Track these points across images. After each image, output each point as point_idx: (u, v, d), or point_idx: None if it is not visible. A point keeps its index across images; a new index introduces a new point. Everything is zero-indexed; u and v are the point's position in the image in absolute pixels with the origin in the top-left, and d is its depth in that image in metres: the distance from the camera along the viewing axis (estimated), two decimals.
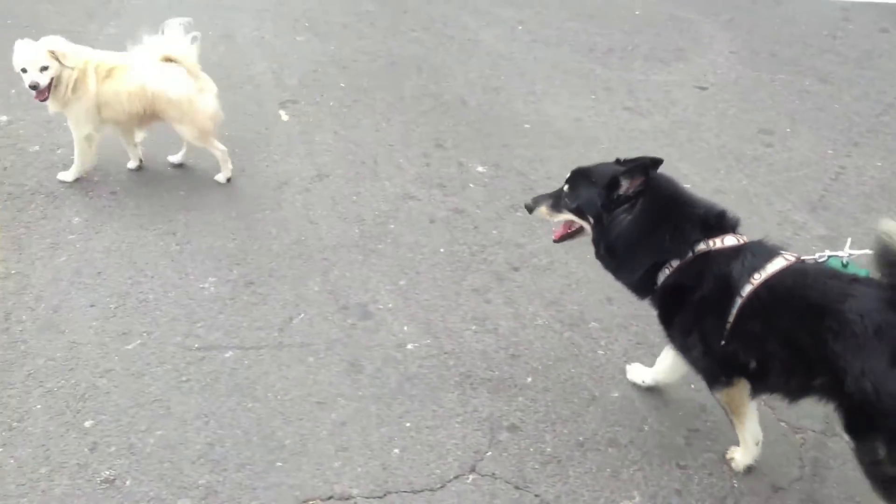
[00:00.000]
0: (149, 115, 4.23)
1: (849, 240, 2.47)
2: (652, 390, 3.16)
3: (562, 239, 2.96)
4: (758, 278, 2.39)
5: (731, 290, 2.42)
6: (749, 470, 2.84)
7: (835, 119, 5.45)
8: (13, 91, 5.01)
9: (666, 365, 3.04)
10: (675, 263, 2.56)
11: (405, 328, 3.45)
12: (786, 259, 2.42)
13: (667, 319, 2.71)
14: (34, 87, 3.93)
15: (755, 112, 5.47)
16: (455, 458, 2.85)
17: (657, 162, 2.61)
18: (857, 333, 2.16)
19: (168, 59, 4.13)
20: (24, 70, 3.94)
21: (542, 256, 3.92)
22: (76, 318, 3.43)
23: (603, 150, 4.80)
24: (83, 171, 4.33)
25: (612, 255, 2.71)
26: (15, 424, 2.92)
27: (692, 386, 3.14)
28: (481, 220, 4.21)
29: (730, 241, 2.52)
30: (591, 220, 2.73)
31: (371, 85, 5.66)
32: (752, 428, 2.74)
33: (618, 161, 2.76)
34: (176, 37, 4.15)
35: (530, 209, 2.93)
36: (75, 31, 5.73)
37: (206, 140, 4.31)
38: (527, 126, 5.19)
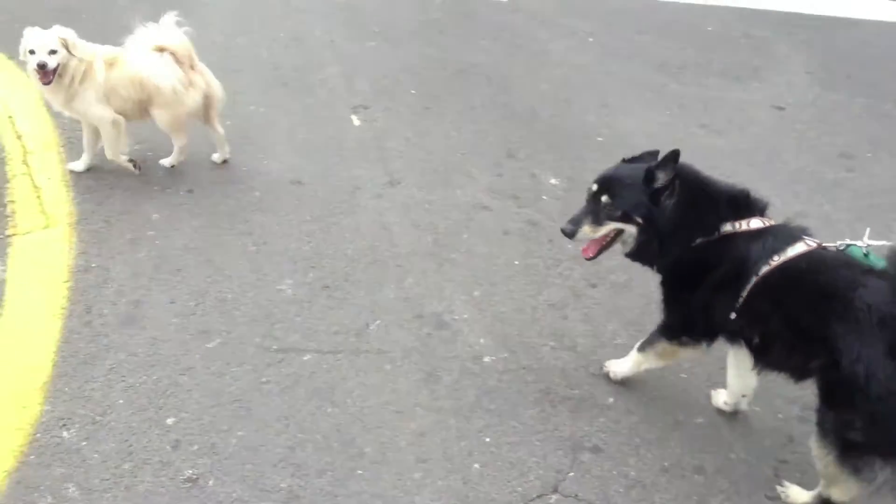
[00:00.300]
0: (146, 103, 4.29)
1: (867, 229, 2.54)
2: (737, 417, 3.08)
3: (598, 254, 2.88)
4: (776, 260, 2.50)
5: (748, 269, 2.54)
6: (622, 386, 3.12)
7: None
8: None
9: (734, 380, 3.05)
10: (699, 241, 2.66)
11: (481, 340, 3.42)
12: (807, 244, 2.51)
13: (674, 287, 2.84)
14: (42, 66, 3.91)
15: (835, 135, 5.35)
16: (537, 476, 2.81)
17: (677, 154, 2.62)
18: (860, 321, 2.28)
19: (161, 49, 4.17)
20: (31, 52, 3.94)
21: (620, 273, 3.86)
22: (156, 315, 3.45)
23: None
24: (115, 157, 4.37)
25: (662, 243, 2.72)
26: (98, 418, 2.94)
27: (779, 416, 3.06)
28: (556, 233, 4.13)
29: (755, 223, 2.61)
30: (640, 220, 2.71)
31: (441, 92, 5.65)
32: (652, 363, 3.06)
33: (624, 160, 2.85)
34: (168, 27, 4.21)
35: (572, 233, 2.79)
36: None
37: (176, 130, 4.40)
38: (600, 139, 5.13)
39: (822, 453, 2.48)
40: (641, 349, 3.12)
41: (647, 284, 3.73)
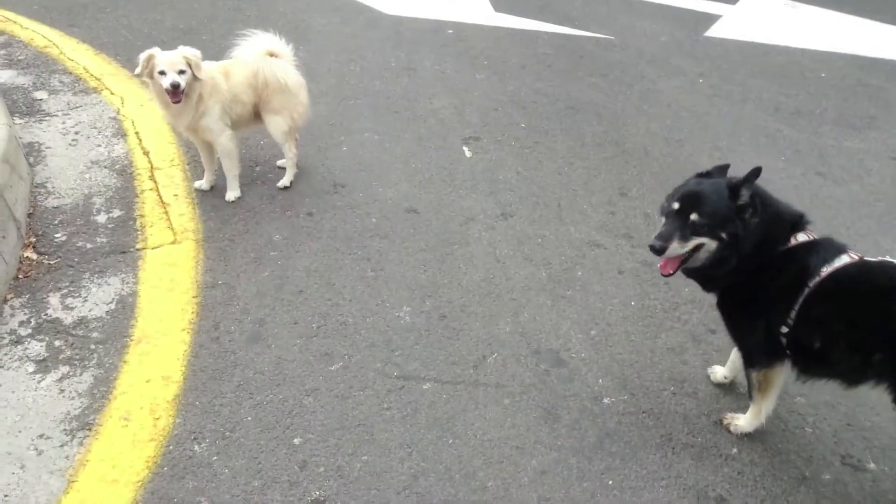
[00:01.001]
0: (262, 106, 4.47)
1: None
2: (866, 475, 2.97)
3: (677, 270, 2.88)
4: (826, 270, 2.63)
5: (803, 279, 2.66)
6: (745, 436, 3.11)
7: None
8: None
9: (736, 357, 3.22)
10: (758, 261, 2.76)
11: (600, 381, 3.39)
12: (850, 257, 2.66)
13: (734, 308, 2.94)
14: (176, 86, 4.07)
15: None
16: None
17: (759, 171, 2.70)
18: None
19: (272, 55, 4.35)
20: (162, 73, 4.08)
21: None
22: (281, 334, 3.54)
23: None
24: (236, 170, 4.57)
25: (741, 260, 2.75)
26: (228, 434, 3.02)
27: None
28: (673, 276, 4.11)
29: (802, 237, 2.75)
30: (726, 236, 2.72)
31: (551, 127, 5.67)
32: (770, 406, 3.03)
33: (699, 175, 2.90)
34: (272, 36, 4.42)
35: (662, 249, 2.75)
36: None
37: (291, 136, 4.58)
38: None
39: None
40: (750, 396, 3.09)
41: None
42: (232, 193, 4.56)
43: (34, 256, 3.99)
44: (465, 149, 5.31)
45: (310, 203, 4.60)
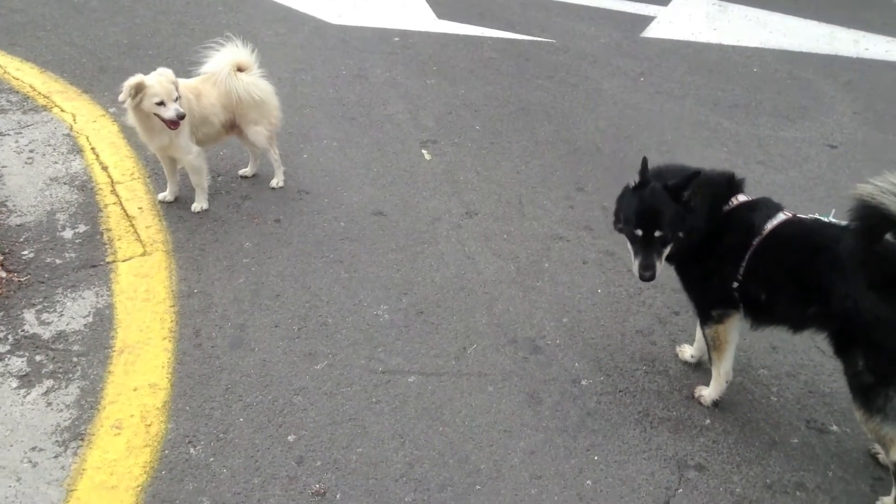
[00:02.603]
0: (229, 126, 4.56)
1: (832, 210, 2.96)
2: (830, 437, 3.19)
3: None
4: (768, 226, 2.90)
5: (749, 236, 2.93)
6: (716, 405, 3.33)
7: None
8: None
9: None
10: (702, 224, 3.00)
11: (576, 364, 3.55)
12: (785, 214, 2.95)
13: (687, 268, 3.19)
14: (182, 116, 4.12)
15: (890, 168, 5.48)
16: (647, 493, 2.92)
17: (698, 173, 2.96)
18: (844, 266, 2.66)
19: (240, 68, 4.41)
20: (161, 104, 4.09)
21: None
22: (263, 338, 3.60)
23: None
24: (204, 184, 4.59)
25: (691, 236, 3.02)
26: (222, 435, 3.08)
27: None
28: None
29: (742, 197, 3.04)
30: (682, 234, 3.01)
31: (505, 129, 5.84)
32: (727, 366, 3.24)
33: (635, 189, 3.08)
34: (239, 47, 4.50)
35: (653, 276, 3.02)
36: None
37: (272, 142, 4.70)
38: None
39: (862, 417, 2.74)
40: (710, 361, 3.31)
41: None
42: (198, 204, 4.59)
43: (3, 274, 3.95)
44: (423, 152, 5.43)
45: (276, 210, 4.65)
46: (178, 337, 3.58)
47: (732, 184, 3.09)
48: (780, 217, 2.96)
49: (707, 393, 3.32)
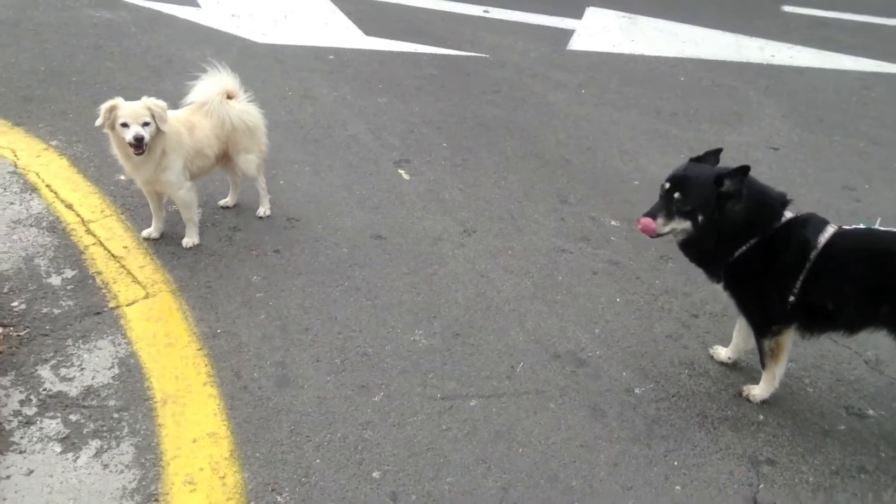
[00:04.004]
0: (222, 156, 4.44)
1: (879, 218, 3.26)
2: (870, 421, 3.43)
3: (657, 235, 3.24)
4: (822, 240, 3.05)
5: (805, 252, 3.06)
6: (764, 402, 3.48)
7: None
8: None
9: (742, 341, 3.66)
10: (755, 240, 3.14)
11: (623, 374, 3.64)
12: (833, 227, 3.10)
13: (741, 286, 3.28)
14: (140, 139, 3.87)
15: (831, 171, 5.96)
16: (734, 491, 3.04)
17: (748, 169, 3.08)
18: None
19: (229, 96, 4.33)
20: (124, 125, 3.88)
21: (712, 303, 4.19)
22: (308, 374, 3.48)
23: None
24: (195, 219, 4.40)
25: (720, 242, 3.17)
26: (304, 479, 2.96)
27: None
28: (639, 270, 4.47)
29: (789, 215, 3.16)
30: (702, 219, 3.11)
31: (471, 145, 5.90)
32: (782, 371, 3.40)
33: (691, 159, 3.27)
34: (226, 74, 4.39)
35: (647, 226, 3.17)
36: (148, 89, 5.81)
37: (261, 170, 4.60)
38: (636, 183, 5.51)
39: None
40: (763, 365, 3.46)
41: None
42: (190, 239, 4.37)
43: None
44: (401, 172, 5.39)
45: (271, 240, 4.50)
46: (220, 381, 3.40)
47: (784, 202, 3.21)
48: (829, 230, 3.12)
49: (757, 392, 3.48)
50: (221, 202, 4.80)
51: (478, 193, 5.17)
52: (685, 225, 3.19)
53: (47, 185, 4.86)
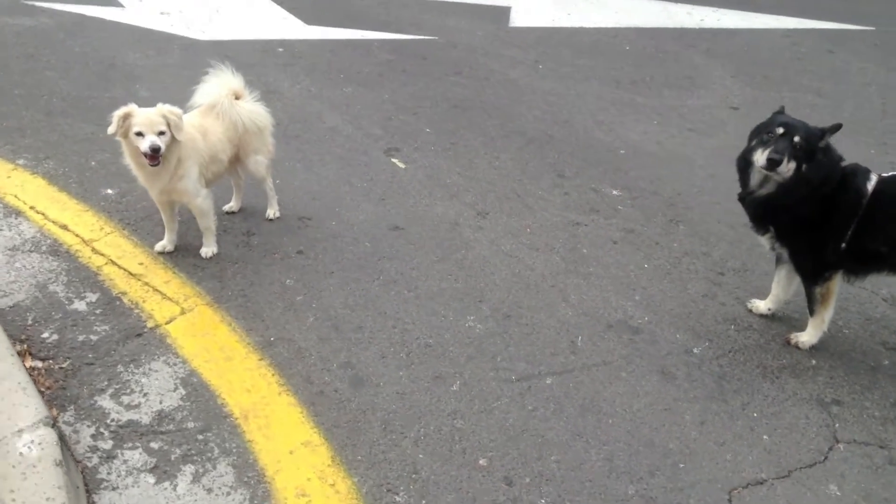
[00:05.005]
0: (233, 159, 4.31)
1: None
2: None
3: None
4: (870, 189, 3.31)
5: (858, 201, 3.32)
6: (813, 347, 3.69)
7: (855, 125, 6.39)
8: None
9: (781, 291, 3.87)
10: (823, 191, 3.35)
11: (677, 336, 3.78)
12: (875, 175, 3.37)
13: (798, 236, 3.49)
14: (156, 149, 3.70)
15: None
16: (815, 433, 3.23)
17: (840, 126, 3.37)
18: None
19: (237, 96, 4.23)
20: (139, 134, 3.73)
21: (732, 260, 4.38)
22: (378, 371, 3.46)
23: (701, 168, 5.42)
24: (212, 226, 4.25)
25: (805, 195, 3.37)
26: (414, 476, 2.95)
27: None
28: (655, 236, 4.63)
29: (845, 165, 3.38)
30: (805, 167, 3.35)
31: (454, 128, 5.91)
32: (830, 314, 3.61)
33: (777, 112, 3.57)
34: (230, 74, 4.27)
35: (780, 160, 3.32)
36: (100, 97, 5.58)
37: (269, 171, 4.51)
38: (622, 152, 5.67)
39: None
40: (811, 312, 3.65)
41: (761, 266, 4.28)
42: (209, 249, 4.22)
43: (37, 364, 3.43)
44: (394, 161, 5.35)
45: (290, 241, 4.40)
46: (293, 389, 3.33)
47: (842, 159, 3.43)
48: (874, 178, 3.36)
49: (805, 338, 3.68)
50: (226, 208, 4.65)
51: (477, 175, 5.20)
52: (791, 168, 3.34)
53: (31, 207, 4.58)
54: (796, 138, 3.30)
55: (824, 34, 8.64)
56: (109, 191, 4.77)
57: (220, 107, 4.09)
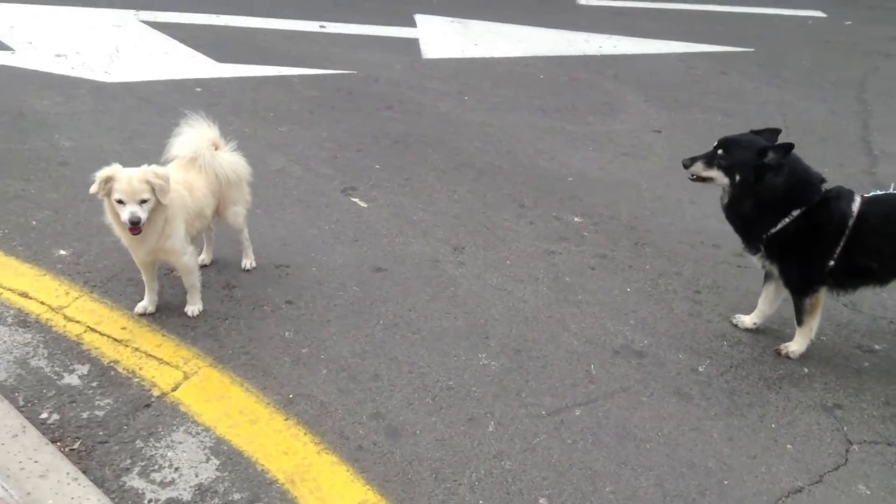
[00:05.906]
0: (214, 213, 4.20)
1: (892, 184, 3.95)
2: (879, 355, 4.06)
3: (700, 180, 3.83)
4: (855, 209, 3.56)
5: (843, 222, 3.56)
6: (801, 356, 3.92)
7: None
8: None
9: (767, 307, 4.10)
10: (797, 212, 3.62)
11: (680, 356, 3.96)
12: (858, 196, 3.61)
13: (786, 254, 3.72)
14: (136, 221, 3.54)
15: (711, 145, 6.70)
16: (831, 437, 3.47)
17: (792, 146, 3.55)
18: None
19: (216, 146, 4.16)
20: (120, 202, 3.57)
21: (703, 279, 4.64)
22: (410, 419, 3.43)
23: (647, 192, 5.70)
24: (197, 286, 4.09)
25: (758, 209, 3.66)
26: None
27: None
28: (627, 259, 4.83)
29: (825, 188, 3.62)
30: (738, 178, 3.63)
31: (402, 164, 5.93)
32: (817, 323, 3.86)
33: (752, 131, 3.76)
34: (205, 125, 4.16)
35: (687, 165, 3.84)
36: (19, 150, 5.43)
37: (246, 221, 4.40)
38: (570, 179, 5.87)
39: None
40: (800, 322, 3.92)
41: (734, 280, 4.56)
42: (195, 307, 4.05)
43: None
44: (355, 200, 5.32)
45: (274, 292, 4.29)
46: (332, 447, 3.25)
47: (822, 180, 3.67)
48: (858, 199, 3.64)
49: (795, 348, 3.94)
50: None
51: (440, 210, 5.23)
52: (724, 181, 3.69)
53: None
54: (719, 151, 3.68)
55: (713, 57, 9.28)
56: (62, 251, 4.47)
57: (201, 159, 3.93)
